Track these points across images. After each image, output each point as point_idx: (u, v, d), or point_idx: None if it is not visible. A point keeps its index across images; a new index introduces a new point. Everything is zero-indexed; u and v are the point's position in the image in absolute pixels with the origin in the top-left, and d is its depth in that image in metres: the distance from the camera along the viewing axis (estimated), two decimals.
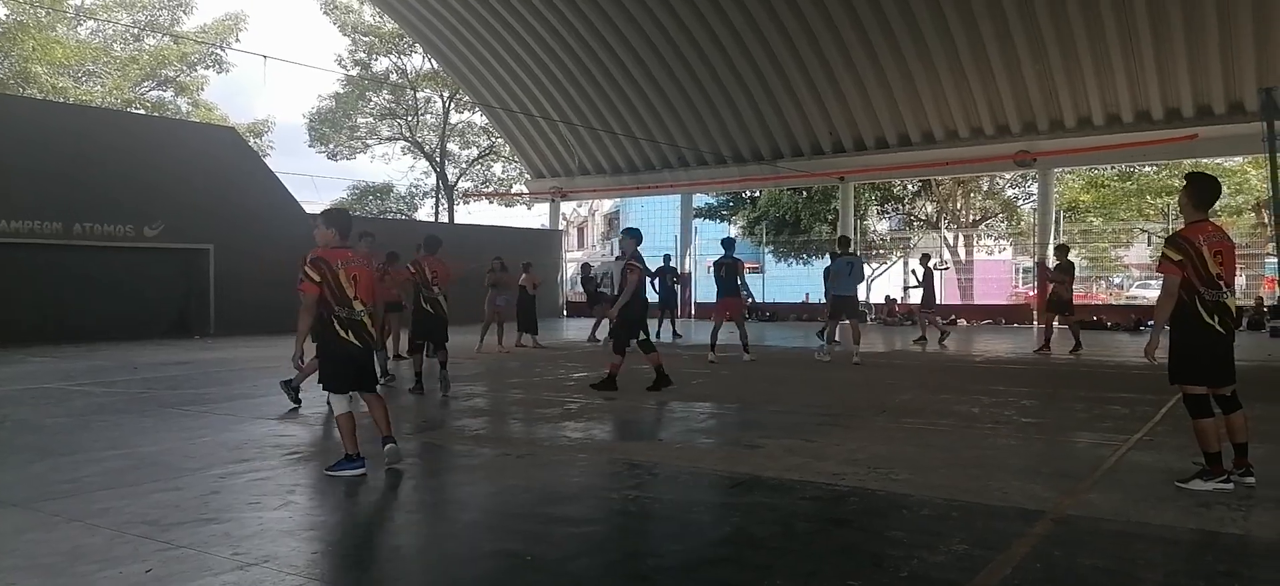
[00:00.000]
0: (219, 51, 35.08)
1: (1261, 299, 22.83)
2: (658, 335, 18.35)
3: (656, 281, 18.44)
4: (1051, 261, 15.96)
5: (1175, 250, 5.12)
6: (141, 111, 32.65)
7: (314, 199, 41.48)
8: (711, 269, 14.45)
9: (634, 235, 9.95)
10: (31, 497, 5.02)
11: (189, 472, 5.95)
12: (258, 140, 36.35)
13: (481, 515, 4.78)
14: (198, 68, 36.48)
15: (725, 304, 13.59)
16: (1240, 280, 29.96)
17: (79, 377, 11.31)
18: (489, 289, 15.33)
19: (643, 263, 9.75)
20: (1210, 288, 5.06)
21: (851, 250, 14.08)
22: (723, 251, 13.85)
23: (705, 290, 25.29)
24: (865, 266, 19.36)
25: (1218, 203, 5.41)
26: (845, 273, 13.01)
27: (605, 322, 17.31)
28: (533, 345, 15.92)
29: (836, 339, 14.21)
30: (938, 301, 18.18)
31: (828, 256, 14.35)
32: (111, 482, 5.41)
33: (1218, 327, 5.09)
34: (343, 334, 5.49)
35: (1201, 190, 5.26)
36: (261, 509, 4.86)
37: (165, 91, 36.56)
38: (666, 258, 20.02)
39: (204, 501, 5.12)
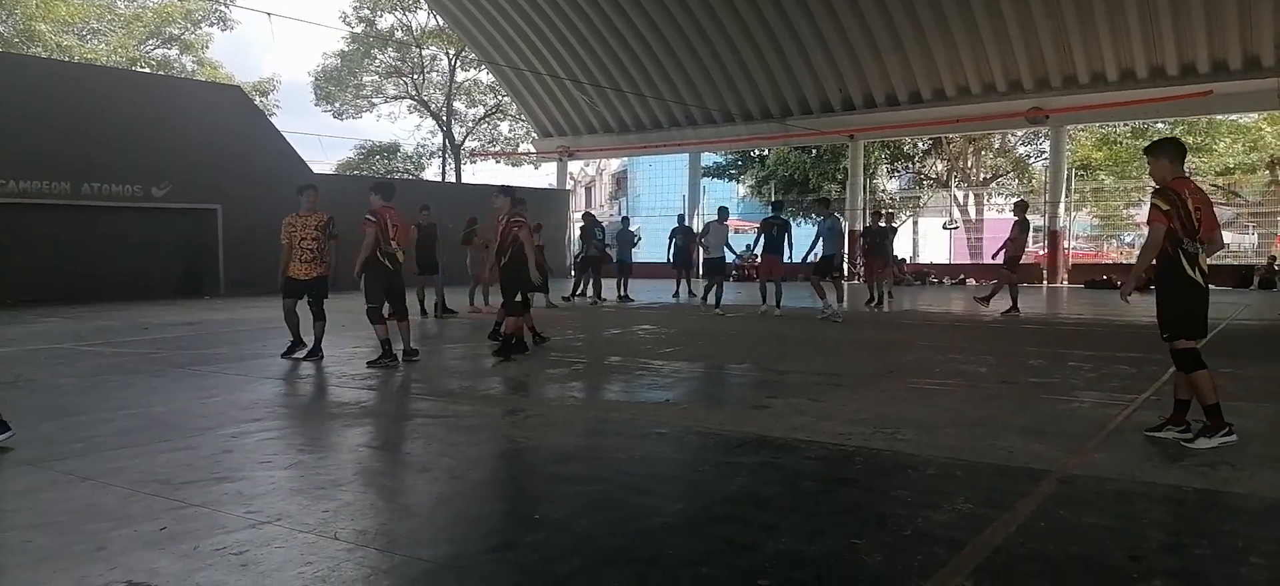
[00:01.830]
0: (223, 8, 34.95)
1: (1274, 257, 22.68)
2: (676, 295, 18.40)
3: (672, 242, 18.42)
4: (1012, 216, 15.26)
5: (1164, 200, 5.14)
6: (147, 70, 32.55)
7: (321, 158, 41.52)
8: (759, 229, 14.73)
9: (507, 191, 9.30)
10: (44, 456, 5.07)
11: (200, 432, 6.01)
12: (263, 99, 36.27)
13: (489, 474, 4.82)
14: (202, 25, 36.32)
15: (771, 262, 14.17)
16: (1252, 238, 29.78)
17: (89, 338, 11.39)
18: (467, 249, 15.30)
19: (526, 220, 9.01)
20: (1192, 239, 5.15)
21: (831, 211, 14.44)
22: (772, 212, 14.66)
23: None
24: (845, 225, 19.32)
25: (1232, 161, 5.52)
26: (827, 232, 13.55)
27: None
28: (546, 304, 15.93)
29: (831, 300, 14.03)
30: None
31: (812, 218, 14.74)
32: (123, 442, 5.46)
33: (1200, 280, 5.18)
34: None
35: (1177, 149, 5.37)
36: (273, 467, 4.90)
37: (170, 50, 36.45)
38: (681, 218, 19.96)
39: (215, 460, 5.17)
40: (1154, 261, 5.26)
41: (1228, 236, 32.25)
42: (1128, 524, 3.91)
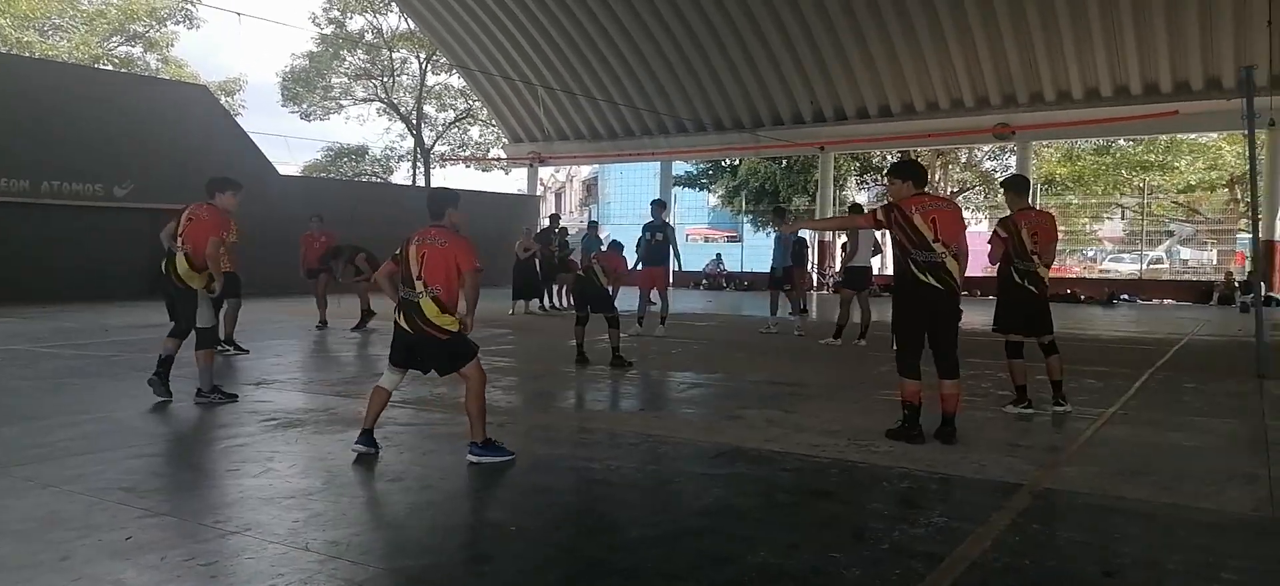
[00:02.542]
0: (189, 6, 34.40)
1: (1231, 274, 23.17)
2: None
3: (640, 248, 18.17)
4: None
5: (1003, 228, 6.65)
6: (110, 67, 31.98)
7: (288, 160, 40.97)
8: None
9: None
10: (2, 462, 4.93)
11: (166, 438, 5.89)
12: (229, 99, 35.76)
13: (464, 484, 4.76)
14: (168, 23, 35.75)
15: (650, 273, 12.77)
16: (1212, 255, 30.40)
17: (48, 339, 11.13)
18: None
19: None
20: (1023, 259, 6.52)
21: (787, 222, 14.18)
22: (652, 214, 13.01)
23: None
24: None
25: (1193, 179, 6.14)
26: (782, 245, 13.13)
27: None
28: (525, 310, 15.83)
29: (782, 313, 13.67)
30: None
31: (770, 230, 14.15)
32: (86, 447, 5.33)
33: (1029, 288, 6.55)
34: (395, 314, 5.11)
35: (1019, 186, 6.89)
36: (241, 476, 4.81)
37: (134, 47, 35.83)
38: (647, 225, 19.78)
39: (182, 468, 5.06)
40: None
41: (1187, 253, 33.10)
42: (1101, 538, 3.95)
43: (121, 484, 4.55)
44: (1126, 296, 22.64)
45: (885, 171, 6.86)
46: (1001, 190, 6.82)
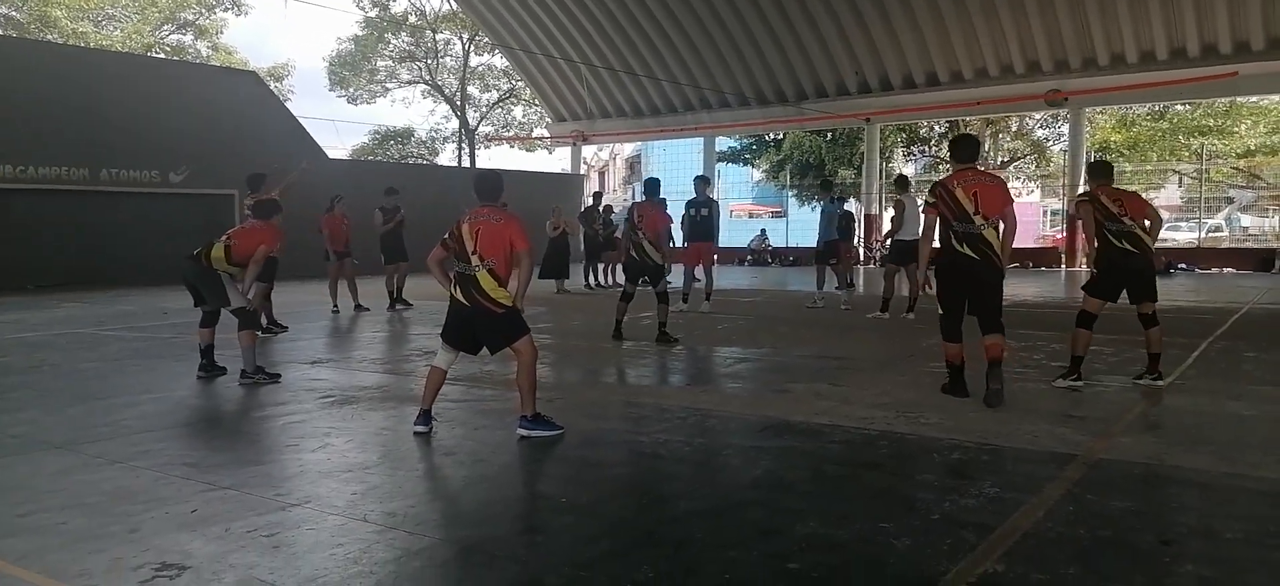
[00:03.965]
0: None
1: None
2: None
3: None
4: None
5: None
6: (162, 56, 32.65)
7: (336, 144, 41.66)
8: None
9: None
10: (73, 440, 5.12)
11: (226, 416, 6.06)
12: (278, 84, 36.31)
13: (515, 458, 4.84)
14: (217, 10, 36.36)
15: (697, 248, 12.75)
16: (1274, 222, 29.48)
17: (110, 322, 11.49)
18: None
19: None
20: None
21: (836, 196, 13.83)
22: (696, 191, 12.92)
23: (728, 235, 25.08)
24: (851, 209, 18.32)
25: (1253, 142, 5.91)
26: (830, 218, 12.90)
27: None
28: (556, 290, 15.88)
29: (828, 287, 13.53)
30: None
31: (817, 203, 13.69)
32: (150, 425, 5.51)
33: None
34: (452, 289, 5.16)
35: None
36: (300, 451, 4.94)
37: (185, 35, 36.54)
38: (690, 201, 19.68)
39: (243, 444, 5.21)
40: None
41: (1247, 220, 32.11)
42: (1157, 508, 3.90)
43: (185, 459, 4.71)
44: (1184, 265, 22.06)
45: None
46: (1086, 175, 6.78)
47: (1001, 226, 5.94)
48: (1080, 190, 6.61)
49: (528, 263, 5.11)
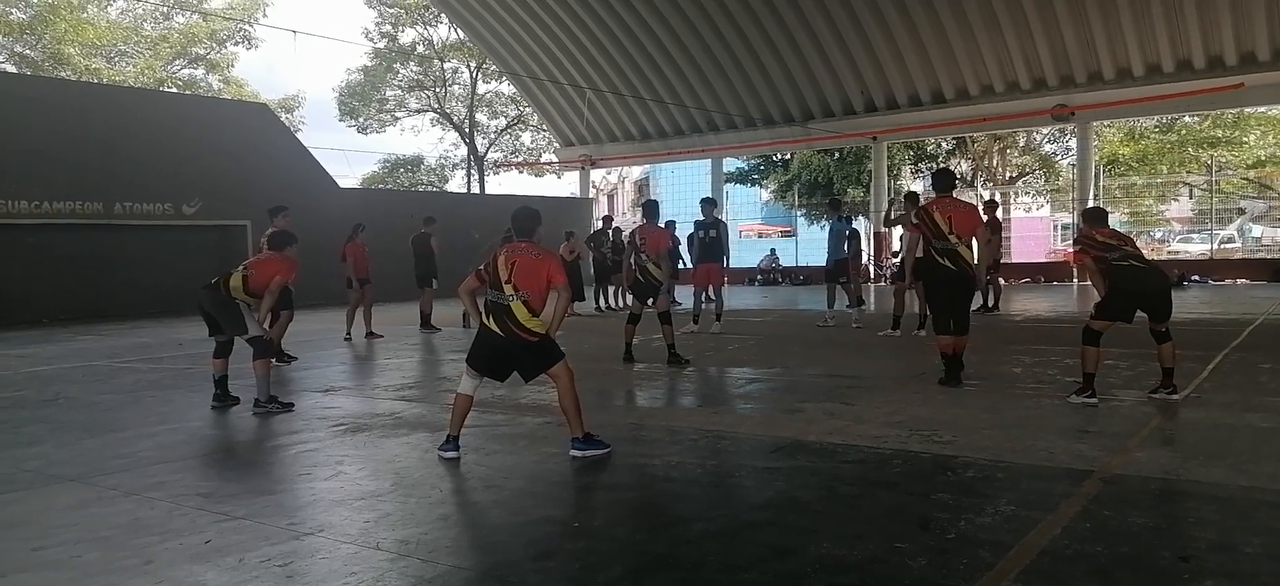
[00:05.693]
0: (247, 27, 35.31)
1: None
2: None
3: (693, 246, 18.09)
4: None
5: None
6: (174, 90, 32.99)
7: (347, 173, 41.90)
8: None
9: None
10: (87, 472, 5.14)
11: (239, 445, 6.08)
12: (289, 115, 36.63)
13: (527, 483, 4.83)
14: (227, 44, 36.74)
15: (707, 270, 12.73)
16: None
17: (125, 355, 11.55)
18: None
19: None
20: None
21: (844, 214, 13.81)
22: (703, 212, 12.74)
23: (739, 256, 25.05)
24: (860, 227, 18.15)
25: (1263, 153, 5.91)
26: (839, 236, 12.89)
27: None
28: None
29: (839, 306, 13.51)
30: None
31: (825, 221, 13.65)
32: (164, 456, 5.53)
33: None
34: (484, 317, 5.25)
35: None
36: (313, 479, 4.94)
37: (196, 69, 36.92)
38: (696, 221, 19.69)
39: (256, 473, 5.22)
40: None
41: (1259, 230, 31.92)
42: (1175, 523, 3.87)
43: (199, 490, 4.72)
44: (1197, 277, 21.93)
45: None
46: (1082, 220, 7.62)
47: (974, 244, 7.31)
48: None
49: (566, 296, 5.20)
